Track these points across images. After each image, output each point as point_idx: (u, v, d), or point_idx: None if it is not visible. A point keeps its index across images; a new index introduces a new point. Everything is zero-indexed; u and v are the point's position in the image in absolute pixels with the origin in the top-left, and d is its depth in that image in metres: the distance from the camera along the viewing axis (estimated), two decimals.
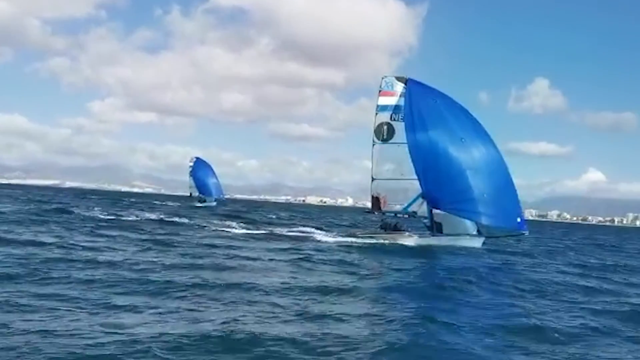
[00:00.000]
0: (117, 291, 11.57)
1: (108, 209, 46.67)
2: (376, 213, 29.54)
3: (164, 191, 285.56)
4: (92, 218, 34.52)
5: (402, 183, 28.46)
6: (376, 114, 29.19)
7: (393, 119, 28.77)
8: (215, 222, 37.22)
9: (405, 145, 27.78)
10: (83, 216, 35.53)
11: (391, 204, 28.75)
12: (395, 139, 28.63)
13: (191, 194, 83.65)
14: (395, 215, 28.76)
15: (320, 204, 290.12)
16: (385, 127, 28.83)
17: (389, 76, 29.63)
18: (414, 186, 27.87)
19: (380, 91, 29.22)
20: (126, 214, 41.02)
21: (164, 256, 17.64)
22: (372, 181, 29.17)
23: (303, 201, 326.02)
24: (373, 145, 29.19)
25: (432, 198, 27.34)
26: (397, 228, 27.96)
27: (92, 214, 38.07)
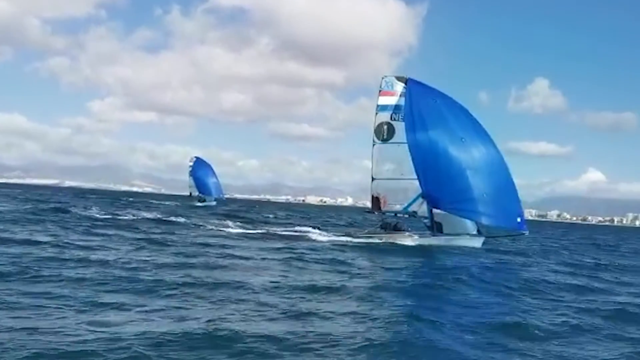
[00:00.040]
0: (106, 289, 11.62)
1: (105, 209, 46.61)
2: (376, 213, 29.52)
3: (164, 191, 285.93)
4: (88, 217, 34.50)
5: (402, 183, 28.45)
6: (376, 114, 29.19)
7: (393, 119, 28.78)
8: (211, 222, 37.22)
9: (405, 145, 27.77)
10: (79, 215, 35.49)
11: (391, 204, 28.74)
12: (395, 139, 28.64)
13: (191, 194, 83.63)
14: (395, 215, 28.75)
15: (320, 204, 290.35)
16: (385, 127, 28.84)
17: (389, 76, 29.59)
18: (414, 186, 27.85)
19: (380, 91, 29.22)
20: (123, 213, 40.98)
21: (157, 255, 17.69)
22: (372, 181, 29.17)
23: (303, 201, 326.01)
24: (373, 145, 29.19)
25: (432, 198, 27.33)
26: (397, 228, 27.96)
27: (89, 213, 38.01)
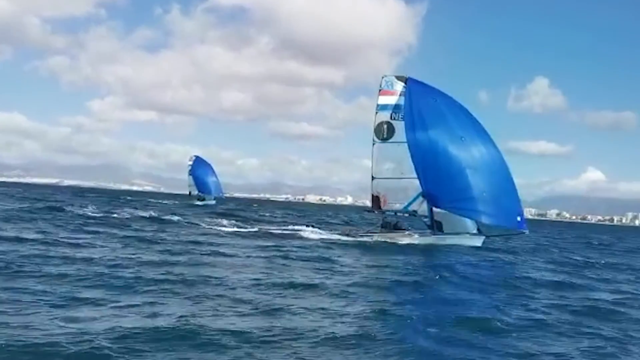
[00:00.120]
0: (85, 285, 11.76)
1: (101, 207, 46.66)
2: (376, 212, 29.60)
3: (164, 190, 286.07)
4: (83, 215, 34.51)
5: (402, 182, 28.52)
6: (376, 113, 29.26)
7: (393, 118, 28.85)
8: (207, 220, 37.26)
9: (405, 144, 27.83)
10: (74, 214, 35.49)
11: (391, 203, 28.80)
12: (395, 138, 28.71)
13: (190, 193, 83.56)
14: (395, 214, 28.81)
15: (319, 203, 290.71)
16: (385, 126, 28.91)
17: (389, 75, 29.68)
18: (414, 185, 27.91)
19: (380, 90, 29.30)
20: (118, 212, 41.07)
21: (143, 253, 17.81)
22: (372, 180, 29.23)
23: (302, 200, 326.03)
24: (373, 144, 29.26)
25: (432, 197, 27.40)
26: (398, 227, 28.06)
27: (83, 212, 37.97)
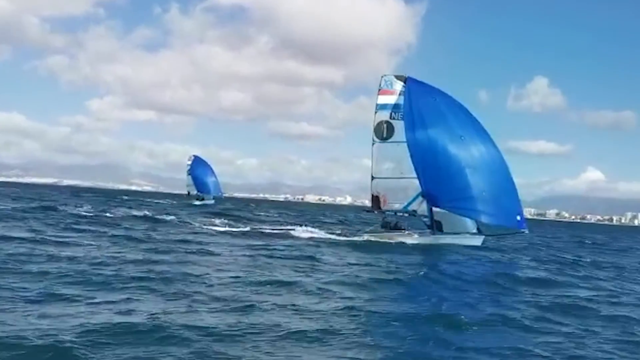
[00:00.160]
0: (64, 282, 11.88)
1: (96, 207, 46.88)
2: (376, 212, 29.65)
3: (163, 189, 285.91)
4: (75, 215, 34.71)
5: (402, 182, 28.57)
6: (375, 113, 29.32)
7: (392, 118, 28.91)
8: (200, 220, 37.40)
9: (404, 143, 27.88)
10: (67, 213, 35.70)
11: (391, 203, 28.85)
12: (394, 138, 28.76)
13: (189, 193, 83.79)
14: (395, 214, 28.85)
15: (318, 203, 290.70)
16: (384, 126, 28.95)
17: (389, 75, 29.76)
18: (414, 185, 27.98)
19: (379, 90, 29.37)
20: (112, 211, 41.29)
21: (128, 251, 17.96)
22: (372, 180, 29.26)
23: (302, 200, 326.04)
24: (372, 143, 29.31)
25: (432, 196, 27.47)
26: (398, 227, 28.11)
27: (77, 211, 38.22)
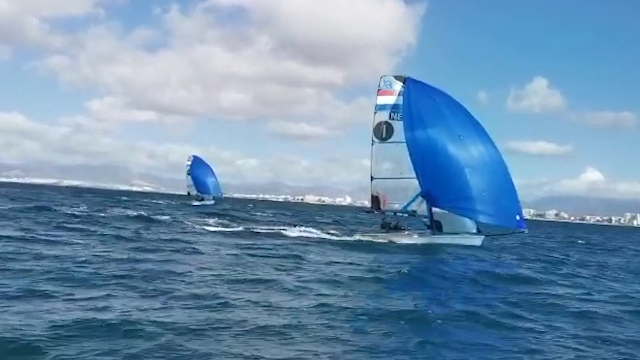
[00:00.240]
0: (45, 279, 12.05)
1: (93, 207, 47.00)
2: (376, 212, 29.77)
3: (163, 190, 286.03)
4: (70, 215, 34.75)
5: (402, 182, 28.69)
6: (375, 113, 29.45)
7: (392, 118, 29.03)
8: (194, 220, 37.42)
9: (404, 144, 27.99)
10: (61, 213, 35.73)
11: (391, 203, 28.97)
12: (394, 138, 28.89)
13: (189, 193, 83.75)
14: (394, 214, 28.97)
15: (318, 203, 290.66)
16: (384, 126, 29.07)
17: (388, 75, 29.89)
18: (414, 185, 28.07)
19: (379, 90, 29.50)
20: (108, 211, 41.45)
21: (114, 250, 18.11)
22: (372, 180, 29.38)
23: (302, 200, 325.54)
24: (372, 144, 29.44)
25: (431, 196, 27.57)
26: (398, 227, 28.27)
27: (72, 211, 38.22)
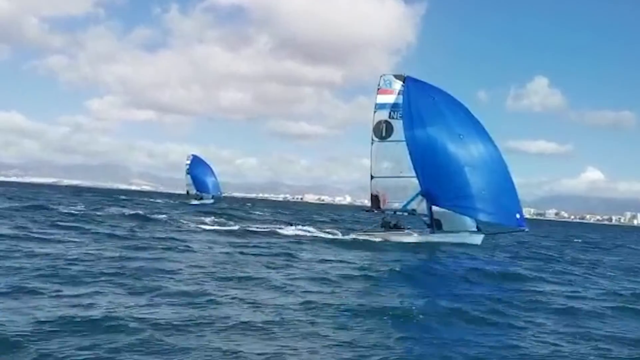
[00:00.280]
0: (34, 276, 12.11)
1: (90, 206, 47.11)
2: (376, 211, 29.87)
3: (162, 189, 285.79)
4: (66, 213, 34.81)
5: (401, 181, 28.81)
6: (375, 112, 29.58)
7: (392, 117, 29.16)
8: (190, 218, 37.42)
9: (404, 142, 28.12)
10: (57, 212, 35.83)
11: (390, 202, 29.07)
12: (393, 137, 29.01)
13: (188, 192, 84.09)
14: (394, 213, 29.07)
15: (318, 202, 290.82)
16: (383, 125, 29.19)
17: (388, 74, 30.08)
18: (414, 184, 28.19)
19: (378, 89, 29.65)
20: (105, 210, 41.48)
21: (107, 248, 18.17)
22: (372, 179, 29.49)
23: (301, 199, 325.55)
24: (372, 143, 29.55)
25: (431, 195, 27.69)
26: (398, 226, 28.38)
27: (69, 210, 38.30)
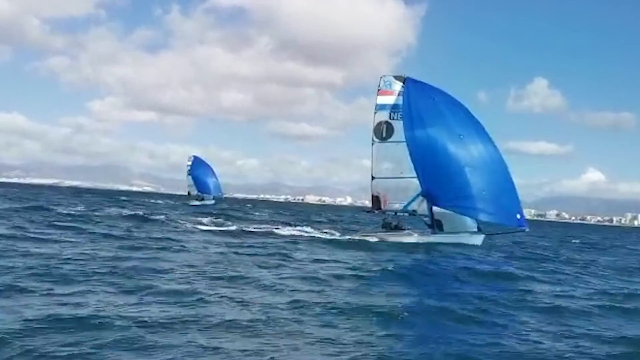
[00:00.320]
0: (26, 276, 12.16)
1: (90, 206, 47.28)
2: (376, 212, 29.96)
3: (163, 190, 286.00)
4: (65, 214, 34.94)
5: (402, 181, 28.89)
6: (375, 113, 29.66)
7: (392, 118, 29.22)
8: (189, 219, 37.50)
9: (404, 143, 28.20)
10: (56, 212, 35.93)
11: (391, 203, 29.16)
12: (394, 138, 29.08)
13: (189, 193, 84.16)
14: (395, 213, 29.18)
15: (319, 203, 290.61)
16: (384, 126, 29.27)
17: (388, 75, 30.17)
18: (414, 185, 28.29)
19: (378, 90, 29.70)
20: (105, 210, 41.63)
21: (102, 247, 18.28)
22: (372, 180, 29.56)
23: (302, 200, 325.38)
24: (372, 144, 29.65)
25: (432, 195, 27.76)
26: (399, 227, 28.48)
27: (68, 211, 38.44)
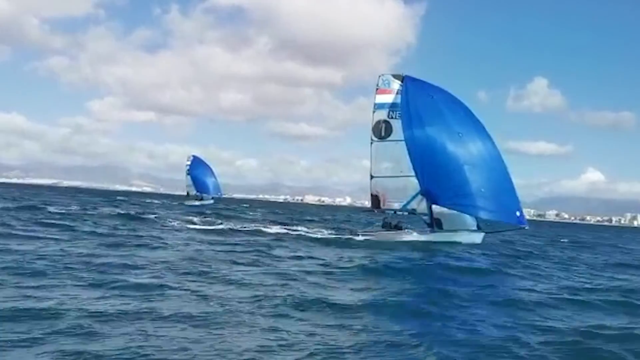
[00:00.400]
0: None
1: (84, 206, 47.24)
2: (376, 211, 29.89)
3: (163, 190, 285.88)
4: (56, 212, 35.00)
5: (401, 180, 28.81)
6: (374, 112, 29.58)
7: (390, 117, 29.16)
8: (180, 218, 37.78)
9: (403, 142, 28.12)
10: (48, 211, 35.98)
11: (390, 202, 29.06)
12: (393, 137, 29.02)
13: (188, 193, 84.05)
14: (394, 213, 29.07)
15: (318, 203, 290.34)
16: (383, 125, 29.20)
17: (386, 74, 30.01)
18: (413, 183, 28.22)
19: (377, 89, 29.63)
20: (98, 209, 41.70)
21: (83, 244, 18.42)
22: (371, 179, 29.47)
23: (301, 200, 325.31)
24: (371, 143, 29.54)
25: (431, 194, 27.72)
26: (398, 227, 28.47)
27: (61, 210, 38.49)
